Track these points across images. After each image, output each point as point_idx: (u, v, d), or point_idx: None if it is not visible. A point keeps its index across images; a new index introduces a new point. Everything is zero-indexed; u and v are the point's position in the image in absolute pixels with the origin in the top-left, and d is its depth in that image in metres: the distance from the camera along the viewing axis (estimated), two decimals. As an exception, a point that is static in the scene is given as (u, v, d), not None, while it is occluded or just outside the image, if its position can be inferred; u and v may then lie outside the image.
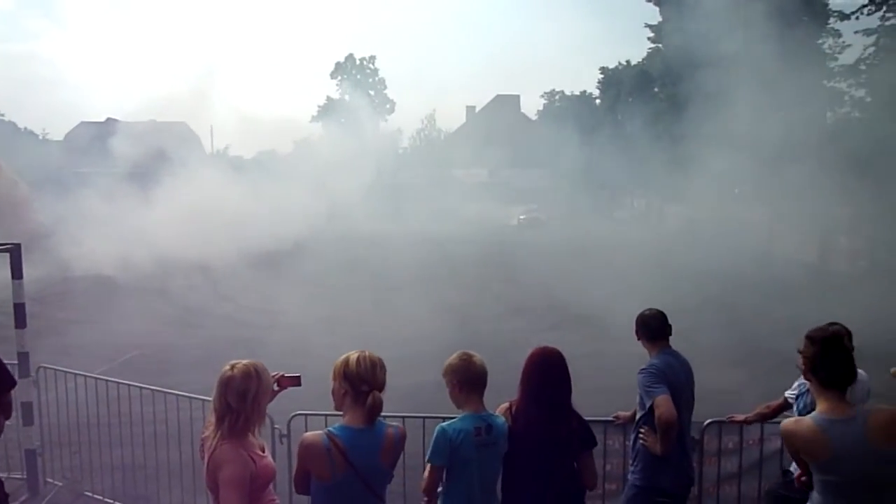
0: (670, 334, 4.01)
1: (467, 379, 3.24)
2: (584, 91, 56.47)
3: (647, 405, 3.77)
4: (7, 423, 3.35)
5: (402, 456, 3.05)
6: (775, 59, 22.70)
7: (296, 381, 3.09)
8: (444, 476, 3.23)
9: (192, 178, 25.85)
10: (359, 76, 64.95)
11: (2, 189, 24.66)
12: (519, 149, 48.18)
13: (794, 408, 3.71)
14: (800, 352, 2.89)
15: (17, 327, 5.53)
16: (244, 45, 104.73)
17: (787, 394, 4.16)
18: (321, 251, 23.14)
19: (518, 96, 61.81)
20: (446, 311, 14.73)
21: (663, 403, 3.64)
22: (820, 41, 29.14)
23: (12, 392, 3.39)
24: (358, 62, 65.16)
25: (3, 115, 56.44)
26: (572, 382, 3.42)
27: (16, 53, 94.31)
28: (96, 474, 5.70)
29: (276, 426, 4.54)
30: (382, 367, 2.95)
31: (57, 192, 24.74)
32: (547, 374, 3.35)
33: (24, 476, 5.67)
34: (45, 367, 5.77)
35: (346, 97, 62.13)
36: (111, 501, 5.52)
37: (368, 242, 26.56)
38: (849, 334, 2.85)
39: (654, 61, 38.01)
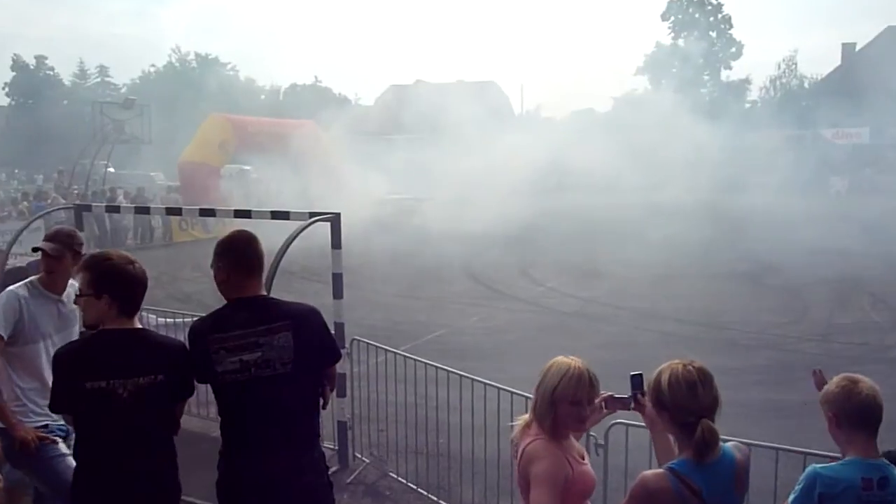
0: None
1: (850, 413, 2.88)
2: None
3: None
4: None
5: None
6: None
7: (626, 404, 3.15)
8: None
9: (501, 141, 27.49)
10: (697, 15, 62.27)
11: (318, 157, 29.10)
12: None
13: None
14: None
15: (334, 297, 6.41)
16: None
17: None
18: (636, 226, 22.76)
19: (923, 25, 53.37)
20: (794, 309, 13.59)
21: None
22: None
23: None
24: (697, -3, 62.49)
25: (320, 81, 66.98)
26: None
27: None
28: (401, 456, 6.41)
29: (591, 433, 4.62)
30: (705, 382, 2.76)
31: (365, 155, 28.28)
32: None
33: (336, 447, 6.62)
34: (358, 340, 6.59)
35: (680, 42, 60.21)
36: (413, 486, 6.12)
37: (705, 217, 25.43)
38: None
39: None
